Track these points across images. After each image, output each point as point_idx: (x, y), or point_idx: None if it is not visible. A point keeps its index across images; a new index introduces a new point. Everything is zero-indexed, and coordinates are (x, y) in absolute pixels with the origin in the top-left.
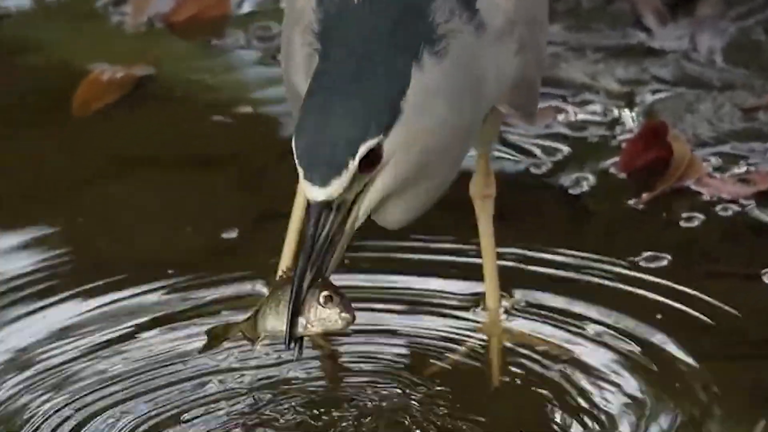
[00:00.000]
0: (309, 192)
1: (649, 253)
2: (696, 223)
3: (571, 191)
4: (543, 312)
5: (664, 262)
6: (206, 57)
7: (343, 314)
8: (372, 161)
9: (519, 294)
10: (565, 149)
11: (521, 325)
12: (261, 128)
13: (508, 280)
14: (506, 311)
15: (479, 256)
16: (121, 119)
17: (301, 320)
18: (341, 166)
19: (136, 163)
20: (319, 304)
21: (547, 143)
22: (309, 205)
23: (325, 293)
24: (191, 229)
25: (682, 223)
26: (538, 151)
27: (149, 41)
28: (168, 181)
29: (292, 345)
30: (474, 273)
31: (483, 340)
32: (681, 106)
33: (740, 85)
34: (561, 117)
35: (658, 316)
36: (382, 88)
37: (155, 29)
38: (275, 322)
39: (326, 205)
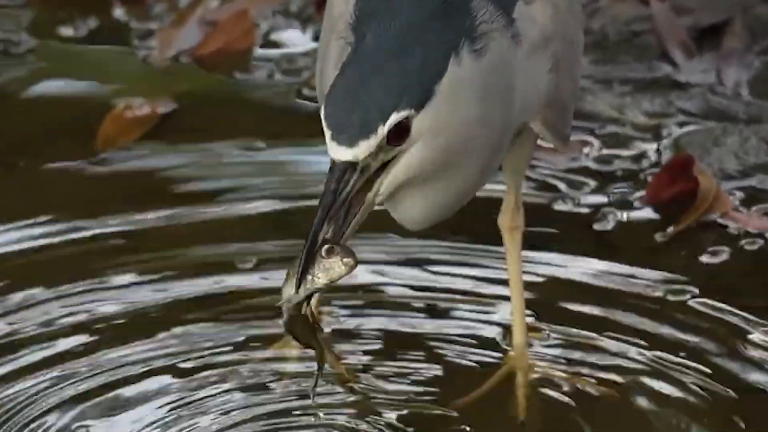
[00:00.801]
0: (335, 152)
1: (675, 287)
2: (722, 256)
3: (597, 225)
4: (569, 346)
5: (690, 296)
6: (233, 90)
7: (346, 259)
8: (400, 134)
9: (545, 327)
10: (592, 183)
11: (547, 359)
12: (288, 162)
13: (535, 314)
14: (533, 345)
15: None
16: (147, 153)
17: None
18: (371, 130)
19: (162, 196)
20: (322, 257)
21: (573, 177)
22: (332, 166)
23: (326, 246)
24: (218, 262)
25: (708, 257)
26: (564, 185)
27: (176, 75)
28: (193, 214)
29: (303, 299)
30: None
31: (510, 373)
32: (707, 140)
33: (766, 119)
34: (587, 150)
35: (685, 349)
36: (417, 68)
37: (181, 63)
38: (288, 289)
39: (351, 166)
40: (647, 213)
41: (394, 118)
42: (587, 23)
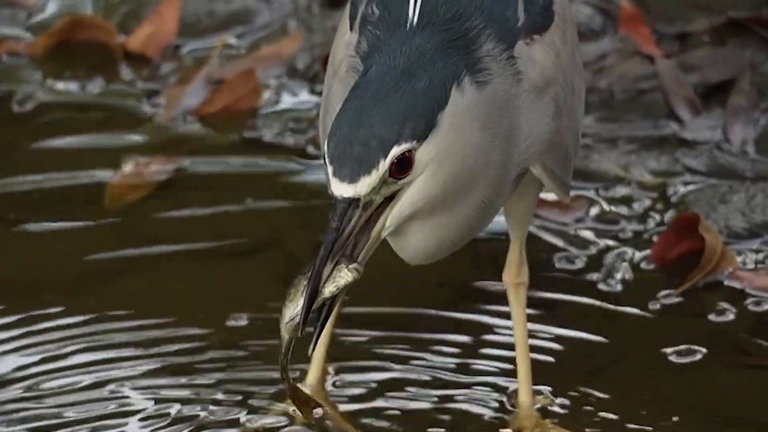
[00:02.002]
0: (336, 188)
1: (682, 347)
2: (729, 316)
3: (603, 284)
4: (576, 407)
5: (698, 356)
6: (239, 149)
7: (351, 266)
8: (403, 167)
9: (551, 388)
10: (597, 242)
11: (554, 420)
12: (295, 220)
13: (541, 375)
14: (539, 407)
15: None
16: (154, 211)
17: (326, 270)
18: (372, 165)
19: (170, 254)
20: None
21: (579, 236)
22: (335, 202)
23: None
24: (226, 318)
25: (715, 317)
26: (569, 244)
27: (182, 133)
28: (201, 272)
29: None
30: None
31: None
32: (713, 197)
33: None
34: (593, 210)
35: (693, 409)
36: (420, 99)
37: (188, 121)
38: (289, 310)
39: (353, 202)
40: (653, 273)
41: (396, 151)
42: (594, 81)
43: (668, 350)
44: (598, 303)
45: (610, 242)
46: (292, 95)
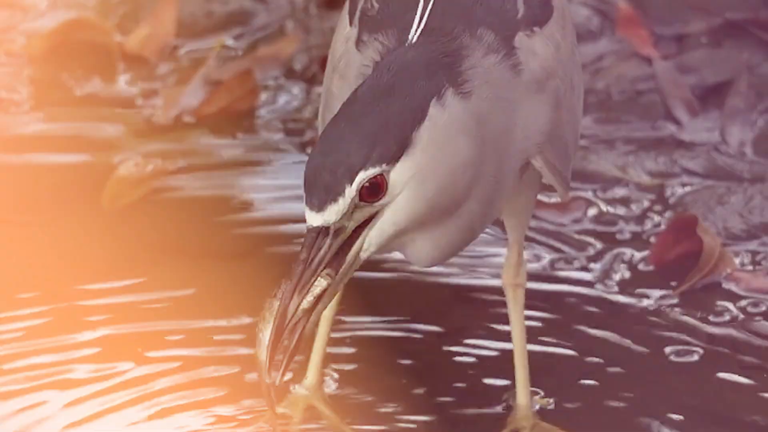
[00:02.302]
0: (307, 217)
1: (680, 347)
2: (727, 317)
3: (600, 285)
4: (573, 408)
5: (696, 357)
6: (236, 149)
7: (326, 271)
8: (375, 191)
9: (549, 389)
10: (595, 243)
11: (552, 420)
12: (291, 222)
13: (539, 376)
14: (537, 407)
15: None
16: (153, 211)
17: (293, 304)
18: (338, 193)
19: (165, 255)
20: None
21: (576, 237)
22: (307, 230)
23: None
24: (226, 318)
25: (713, 318)
26: (566, 246)
27: (179, 134)
28: (201, 272)
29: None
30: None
31: None
32: (711, 199)
33: None
34: (591, 211)
35: (691, 409)
36: (393, 119)
37: (185, 122)
38: (267, 334)
39: (322, 231)
40: (652, 273)
41: (363, 176)
42: (591, 83)
43: (666, 351)
44: (595, 304)
45: (608, 243)
46: (289, 96)
